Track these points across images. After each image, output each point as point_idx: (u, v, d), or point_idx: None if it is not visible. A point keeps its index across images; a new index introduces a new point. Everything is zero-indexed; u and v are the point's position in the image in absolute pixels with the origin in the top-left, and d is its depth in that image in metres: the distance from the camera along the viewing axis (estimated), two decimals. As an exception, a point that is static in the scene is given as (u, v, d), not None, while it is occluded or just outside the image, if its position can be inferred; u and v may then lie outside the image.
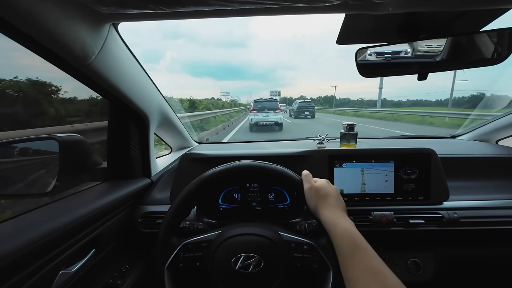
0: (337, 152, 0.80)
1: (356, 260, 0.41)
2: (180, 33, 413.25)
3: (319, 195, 0.53)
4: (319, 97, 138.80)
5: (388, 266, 0.41)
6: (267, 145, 1.30)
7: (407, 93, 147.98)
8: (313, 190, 0.54)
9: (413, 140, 1.36)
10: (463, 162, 0.96)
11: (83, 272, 0.59)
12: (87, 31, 0.49)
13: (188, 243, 0.54)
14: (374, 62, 0.62)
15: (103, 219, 0.66)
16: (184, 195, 0.56)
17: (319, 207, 0.51)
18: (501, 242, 0.80)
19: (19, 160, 0.72)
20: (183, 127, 1.22)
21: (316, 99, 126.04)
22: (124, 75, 0.66)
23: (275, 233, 0.54)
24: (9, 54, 2.00)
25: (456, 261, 0.82)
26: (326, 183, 0.56)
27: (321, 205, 0.51)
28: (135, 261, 0.76)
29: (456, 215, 0.75)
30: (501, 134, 1.17)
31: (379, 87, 31.62)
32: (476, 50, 0.58)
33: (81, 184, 0.76)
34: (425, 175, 0.78)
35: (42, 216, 0.53)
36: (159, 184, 0.91)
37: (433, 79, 5.96)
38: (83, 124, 2.08)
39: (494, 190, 0.86)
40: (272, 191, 0.83)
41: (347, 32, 0.61)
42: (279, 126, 10.04)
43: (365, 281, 0.38)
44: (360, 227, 0.74)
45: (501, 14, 0.55)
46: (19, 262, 0.43)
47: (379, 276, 0.38)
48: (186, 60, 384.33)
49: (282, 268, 0.50)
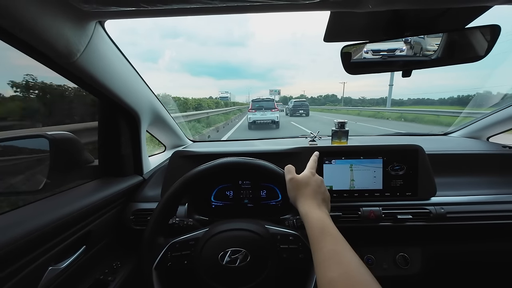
0: (326, 149, 0.81)
1: (321, 244, 0.41)
2: (179, 32, 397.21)
3: (298, 187, 0.54)
4: (319, 96, 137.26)
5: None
6: (259, 143, 1.31)
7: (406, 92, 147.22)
8: (293, 181, 0.55)
9: (404, 137, 1.37)
10: (453, 158, 0.97)
11: (73, 269, 0.60)
12: (71, 29, 0.49)
13: (175, 242, 0.54)
14: (360, 60, 0.63)
15: (94, 216, 0.67)
16: (169, 194, 0.57)
17: (297, 199, 0.52)
18: (487, 236, 0.81)
19: (8, 159, 0.72)
20: (176, 125, 1.22)
21: (317, 98, 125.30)
22: (112, 73, 0.67)
23: (261, 227, 0.55)
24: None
25: (443, 255, 0.83)
26: (308, 174, 0.56)
27: (299, 196, 0.52)
28: (126, 258, 0.77)
29: (443, 211, 0.76)
30: (492, 131, 1.19)
31: (389, 84, 27.72)
32: (459, 47, 0.59)
33: (72, 181, 0.77)
34: (412, 171, 0.79)
35: (31, 212, 0.54)
36: (151, 181, 0.92)
37: (431, 78, 5.90)
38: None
39: (483, 186, 0.88)
40: (264, 188, 0.84)
41: (333, 30, 0.62)
42: (276, 124, 10.66)
43: (328, 262, 0.38)
44: (348, 222, 0.76)
45: (484, 11, 0.56)
46: (6, 257, 0.43)
47: (341, 258, 0.38)
48: (185, 59, 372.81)
49: (268, 261, 0.51)
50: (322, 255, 0.40)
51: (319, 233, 0.43)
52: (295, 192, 0.54)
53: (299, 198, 0.52)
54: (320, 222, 0.45)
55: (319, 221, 0.45)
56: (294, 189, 0.54)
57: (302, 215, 0.49)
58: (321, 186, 0.54)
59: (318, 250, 0.41)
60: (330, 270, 0.37)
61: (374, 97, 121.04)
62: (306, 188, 0.53)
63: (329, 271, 0.37)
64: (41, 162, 0.69)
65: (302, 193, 0.52)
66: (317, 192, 0.53)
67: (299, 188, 0.53)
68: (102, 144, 0.83)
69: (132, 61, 0.75)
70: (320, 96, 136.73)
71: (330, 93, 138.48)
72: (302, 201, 0.51)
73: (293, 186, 0.54)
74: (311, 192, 0.52)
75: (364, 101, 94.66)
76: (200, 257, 0.51)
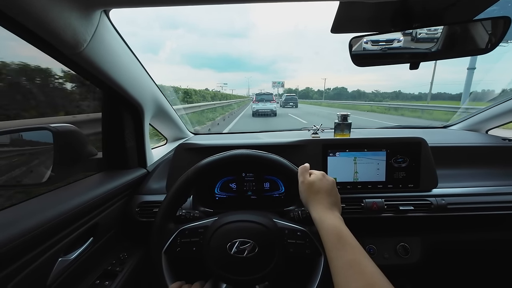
0: (330, 142, 0.82)
1: (340, 253, 0.41)
2: (179, 23, 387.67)
3: (310, 191, 0.53)
4: (328, 89, 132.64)
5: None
6: (262, 135, 1.31)
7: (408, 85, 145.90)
8: (305, 184, 0.54)
9: (406, 130, 1.39)
10: (453, 151, 0.99)
11: (82, 260, 0.61)
12: (77, 18, 0.48)
13: (185, 229, 0.55)
14: (368, 52, 0.63)
15: (100, 209, 0.67)
16: (181, 182, 0.57)
17: (310, 203, 0.52)
18: (486, 227, 0.83)
19: (13, 151, 0.71)
20: (178, 117, 1.21)
21: (324, 91, 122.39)
22: (117, 64, 0.65)
23: (270, 220, 0.56)
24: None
25: (442, 244, 0.85)
26: (319, 177, 0.55)
27: (311, 201, 0.52)
28: (133, 250, 0.78)
29: (444, 202, 0.78)
30: (491, 124, 1.20)
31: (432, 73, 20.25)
32: (468, 39, 0.58)
33: (76, 174, 0.76)
34: (415, 164, 0.80)
35: (39, 205, 0.54)
36: (155, 174, 0.92)
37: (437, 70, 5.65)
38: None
39: (482, 177, 0.89)
40: (267, 180, 0.85)
41: (341, 21, 0.61)
42: (274, 113, 14.08)
43: (349, 272, 0.38)
44: (351, 214, 0.77)
45: (494, 2, 0.55)
46: (18, 249, 0.43)
47: (363, 268, 0.38)
48: (186, 51, 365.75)
49: (275, 254, 0.52)
50: (342, 264, 0.40)
51: (336, 241, 0.43)
52: (306, 195, 0.53)
53: (311, 202, 0.52)
54: (336, 229, 0.45)
55: (335, 229, 0.45)
56: (305, 193, 0.54)
57: (315, 220, 0.49)
58: (332, 189, 0.54)
59: (336, 258, 0.41)
60: (353, 281, 0.37)
61: (387, 91, 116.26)
62: (318, 193, 0.52)
63: (352, 281, 0.37)
64: (45, 154, 0.68)
65: (315, 198, 0.52)
66: (329, 195, 0.52)
67: (310, 192, 0.53)
68: (106, 136, 0.82)
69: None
70: (328, 89, 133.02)
71: (339, 86, 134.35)
72: (315, 205, 0.51)
73: (304, 189, 0.54)
74: (324, 197, 0.52)
75: (377, 94, 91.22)
76: (208, 245, 0.52)
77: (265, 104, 14.32)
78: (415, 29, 0.59)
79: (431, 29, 0.58)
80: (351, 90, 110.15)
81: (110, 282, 0.64)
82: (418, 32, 0.59)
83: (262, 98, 15.16)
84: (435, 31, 0.58)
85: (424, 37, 0.59)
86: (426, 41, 0.59)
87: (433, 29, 0.58)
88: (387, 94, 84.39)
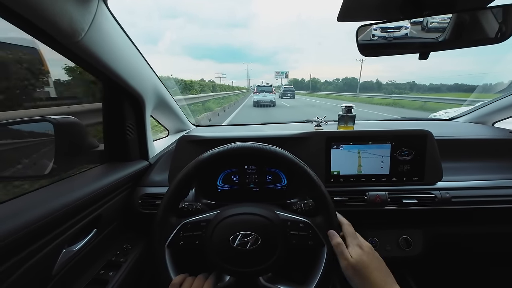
0: (334, 134, 0.81)
1: None
2: (179, 13, 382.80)
3: (360, 275, 0.46)
4: (336, 79, 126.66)
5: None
6: (265, 127, 1.30)
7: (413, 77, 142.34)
8: (350, 269, 0.47)
9: (411, 122, 1.37)
10: (459, 144, 0.97)
11: (86, 251, 0.61)
12: (74, 5, 0.46)
13: (187, 223, 0.55)
14: (376, 42, 0.61)
15: (103, 200, 0.67)
16: (183, 175, 0.56)
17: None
18: (489, 220, 0.83)
19: (13, 143, 0.71)
20: (179, 109, 1.20)
21: (333, 82, 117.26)
22: (117, 54, 0.64)
23: (272, 212, 0.55)
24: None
25: (444, 237, 0.85)
26: (369, 251, 0.48)
27: (367, 285, 0.45)
28: (137, 241, 0.79)
29: (448, 195, 0.77)
30: (498, 116, 1.18)
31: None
32: (479, 28, 0.56)
33: (78, 166, 0.76)
34: (420, 157, 0.79)
35: (42, 197, 0.54)
36: (157, 166, 0.92)
37: (438, 62, 5.36)
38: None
39: (488, 171, 0.88)
40: (270, 173, 0.84)
41: (348, 8, 0.58)
42: (273, 103, 16.09)
43: None
44: (354, 206, 0.77)
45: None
46: (22, 240, 0.44)
47: None
48: (186, 41, 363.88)
49: (278, 246, 0.52)
50: None
51: None
52: (358, 282, 0.46)
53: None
54: None
55: None
56: (355, 278, 0.46)
57: None
58: (383, 262, 0.48)
59: None
60: None
61: (401, 81, 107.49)
62: (371, 275, 0.45)
63: None
64: (46, 146, 0.68)
65: (372, 282, 0.45)
66: (387, 274, 0.47)
67: (361, 277, 0.46)
68: (107, 128, 0.81)
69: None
70: (336, 80, 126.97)
71: (349, 76, 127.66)
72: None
73: (352, 274, 0.46)
74: (381, 277, 0.45)
75: (392, 85, 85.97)
76: (211, 238, 0.52)
77: (265, 95, 16.09)
78: (426, 17, 0.57)
79: (443, 18, 0.55)
80: (362, 81, 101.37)
81: (114, 272, 0.65)
82: (429, 21, 0.56)
83: (263, 89, 16.74)
84: (448, 19, 0.55)
85: (436, 26, 0.56)
86: (438, 30, 0.57)
87: (446, 18, 0.55)
88: (402, 85, 79.34)
